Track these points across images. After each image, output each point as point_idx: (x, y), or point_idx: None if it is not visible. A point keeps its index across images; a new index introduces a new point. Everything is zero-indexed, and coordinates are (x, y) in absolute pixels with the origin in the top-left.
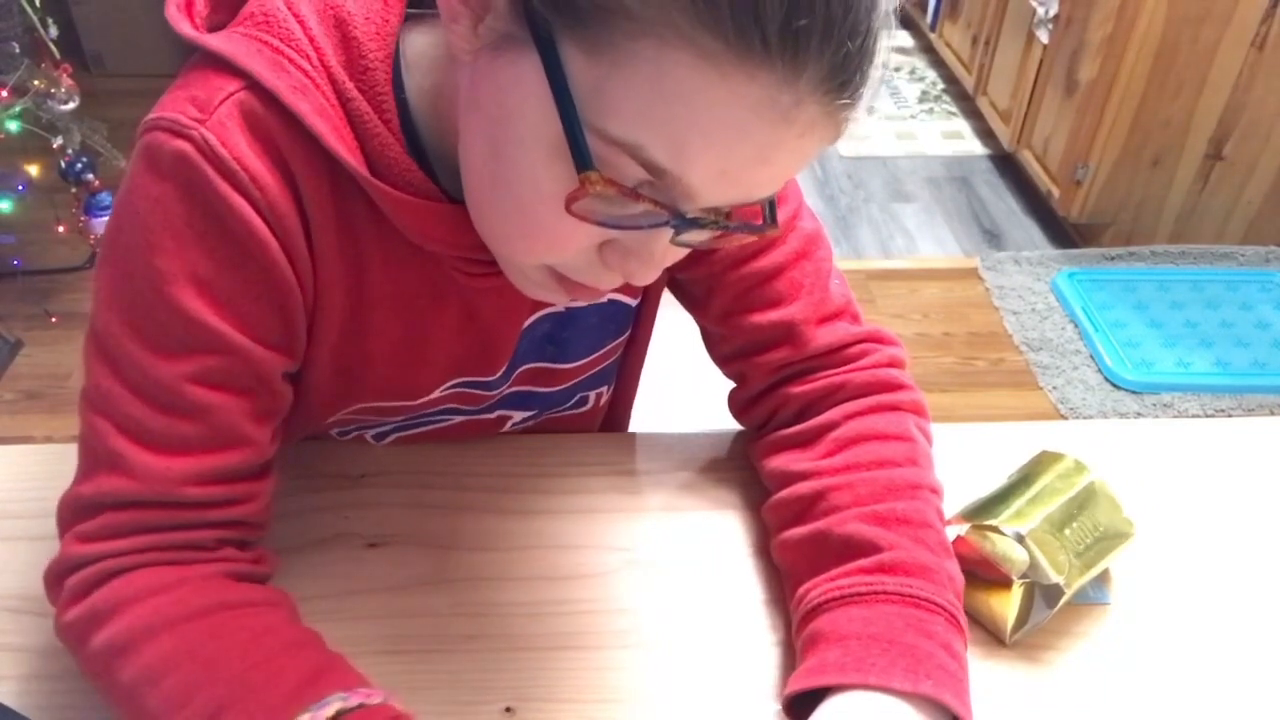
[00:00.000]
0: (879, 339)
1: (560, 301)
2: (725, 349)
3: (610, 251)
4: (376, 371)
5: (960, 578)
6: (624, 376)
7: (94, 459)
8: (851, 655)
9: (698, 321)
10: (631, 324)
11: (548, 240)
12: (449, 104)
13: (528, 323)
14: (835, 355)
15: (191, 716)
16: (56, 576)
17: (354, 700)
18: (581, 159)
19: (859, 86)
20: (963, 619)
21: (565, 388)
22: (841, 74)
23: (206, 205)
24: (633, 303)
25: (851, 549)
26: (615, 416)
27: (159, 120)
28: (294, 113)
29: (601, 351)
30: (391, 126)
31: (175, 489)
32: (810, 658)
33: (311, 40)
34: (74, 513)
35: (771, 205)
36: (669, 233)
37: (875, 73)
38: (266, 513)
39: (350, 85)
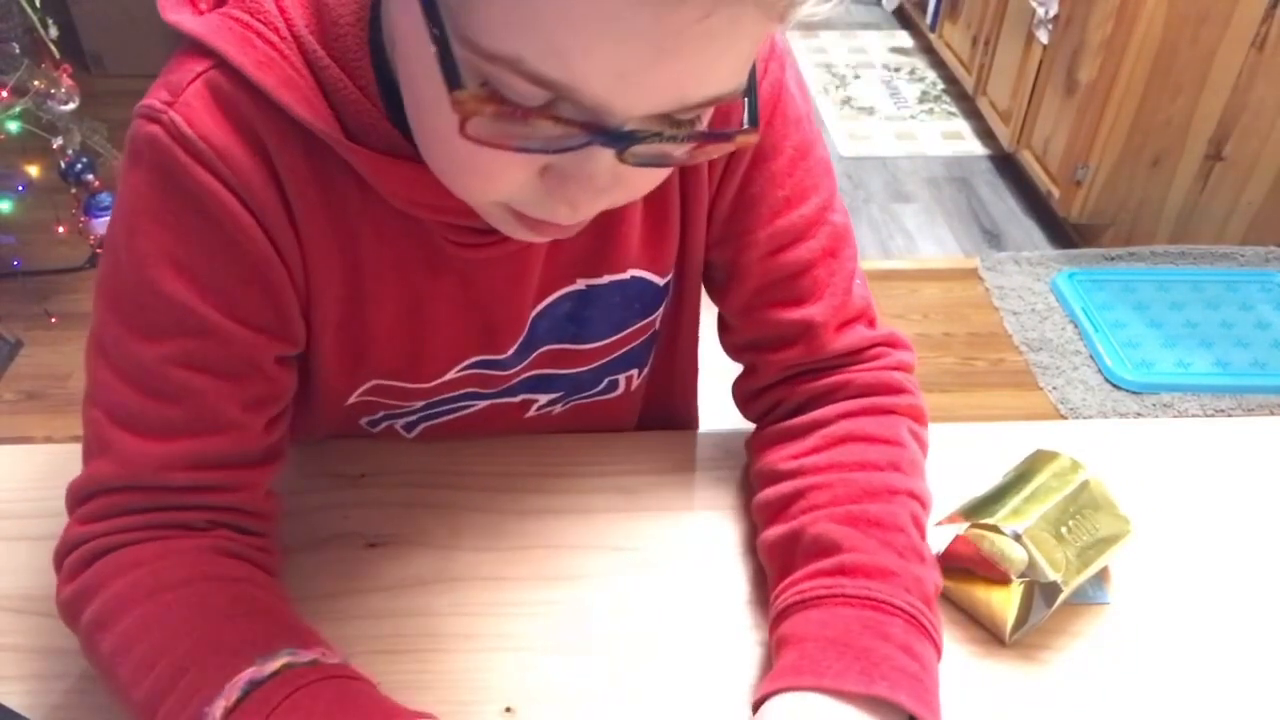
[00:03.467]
0: (893, 343)
1: (526, 239)
2: (740, 339)
3: (549, 177)
4: (381, 347)
5: (933, 580)
6: (669, 360)
7: (90, 446)
8: (806, 659)
9: (718, 306)
10: (662, 303)
11: (478, 174)
12: None
13: (548, 301)
14: (848, 358)
15: (157, 680)
16: (59, 557)
17: (305, 656)
18: (449, 78)
19: None
20: (929, 621)
21: (590, 369)
22: None
23: (180, 187)
24: (660, 281)
25: (817, 549)
26: (672, 405)
27: (139, 109)
28: (261, 87)
29: (626, 332)
30: (367, 91)
31: (160, 474)
32: (776, 663)
33: (282, 11)
34: (75, 497)
35: (751, 105)
36: (606, 153)
37: None
38: (266, 502)
39: (321, 53)
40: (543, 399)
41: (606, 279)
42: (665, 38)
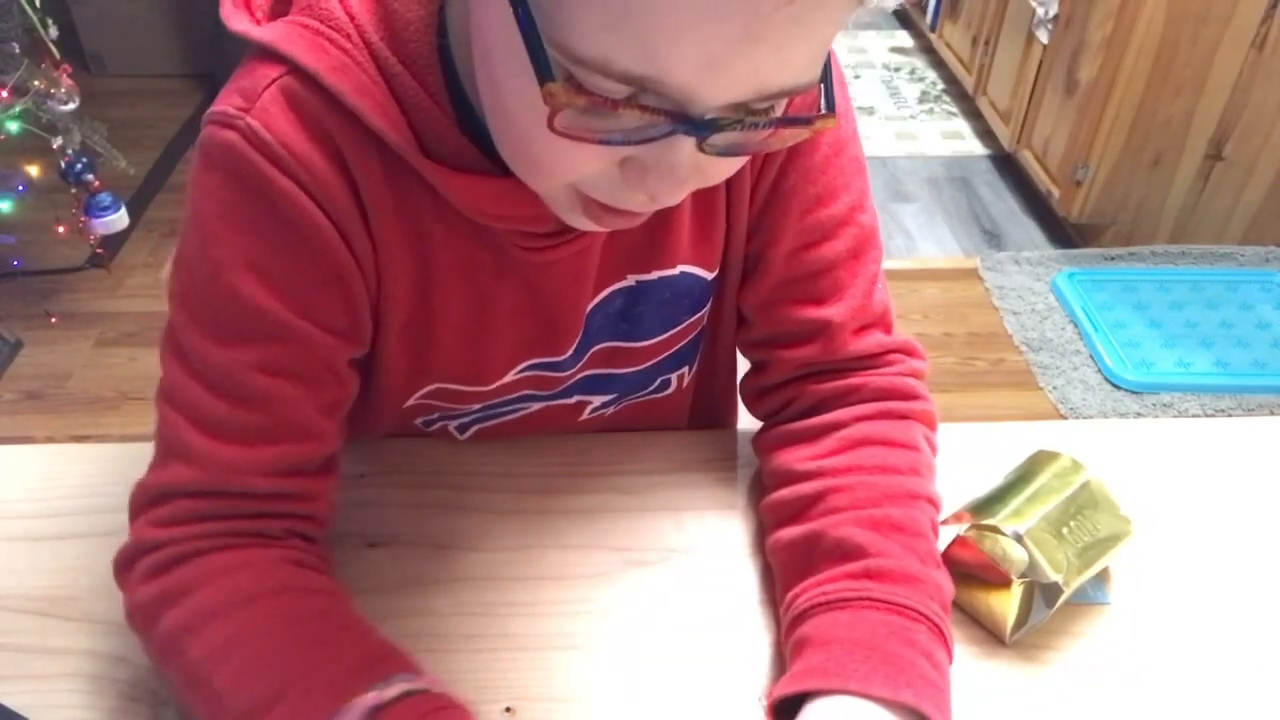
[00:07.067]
0: (908, 350)
1: (588, 227)
2: (755, 334)
3: (630, 168)
4: (445, 351)
5: (949, 588)
6: (711, 355)
7: (166, 449)
8: (833, 661)
9: (737, 301)
10: (710, 298)
11: (555, 162)
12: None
13: (599, 298)
14: (863, 361)
15: (259, 692)
16: (128, 560)
17: (419, 684)
18: (541, 70)
19: None
20: (947, 629)
21: (643, 369)
22: None
23: (258, 192)
24: (709, 275)
25: (841, 553)
26: (714, 401)
27: (210, 115)
28: (335, 93)
29: (678, 328)
30: (438, 99)
31: (243, 480)
32: (795, 663)
33: (352, 18)
34: (146, 500)
35: (828, 90)
36: (687, 143)
37: None
38: (331, 510)
39: (393, 60)
40: (596, 401)
41: (656, 274)
42: (753, 22)
